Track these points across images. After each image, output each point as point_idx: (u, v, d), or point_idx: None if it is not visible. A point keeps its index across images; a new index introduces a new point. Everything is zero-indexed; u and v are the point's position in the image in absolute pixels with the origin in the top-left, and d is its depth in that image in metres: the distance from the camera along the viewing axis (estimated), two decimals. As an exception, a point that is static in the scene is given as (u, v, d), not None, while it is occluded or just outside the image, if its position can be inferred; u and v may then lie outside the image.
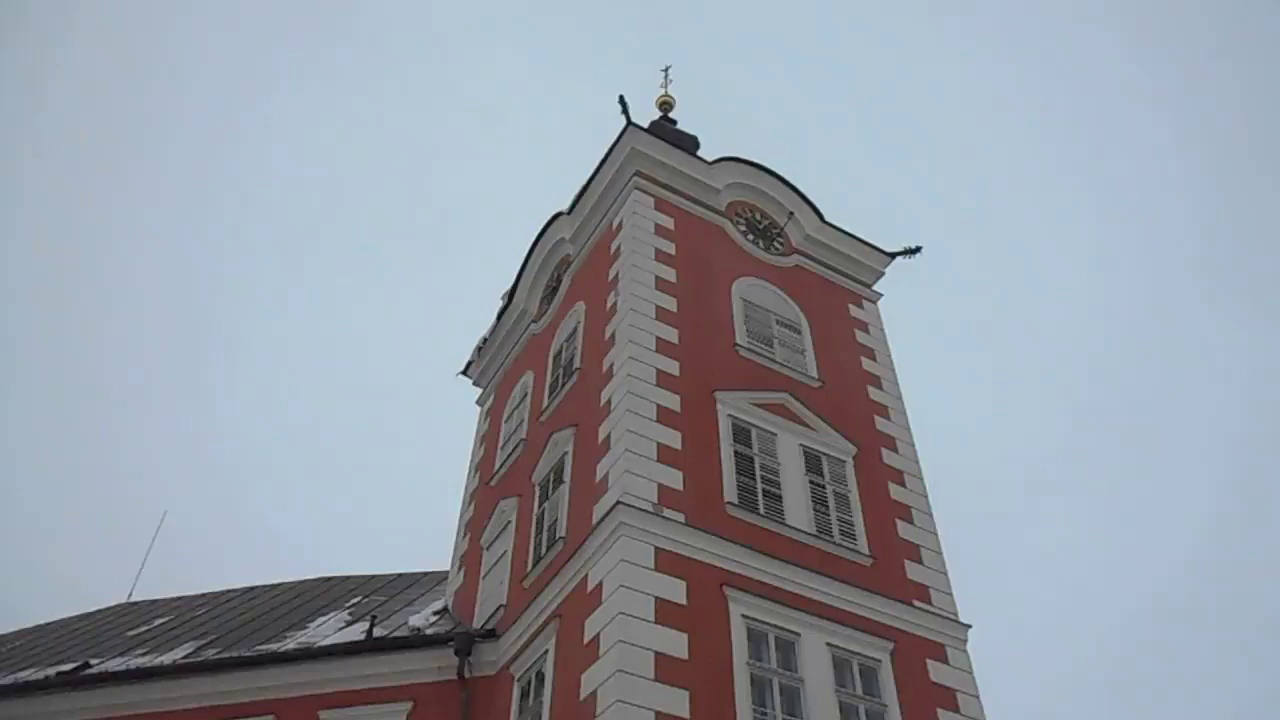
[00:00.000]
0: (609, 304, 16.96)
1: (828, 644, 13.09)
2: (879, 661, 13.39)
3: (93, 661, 18.34)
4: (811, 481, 15.23)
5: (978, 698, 13.93)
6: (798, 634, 12.96)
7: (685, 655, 11.82)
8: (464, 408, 25.78)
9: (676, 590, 12.40)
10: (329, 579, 22.70)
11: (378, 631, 16.57)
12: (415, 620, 17.40)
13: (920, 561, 15.31)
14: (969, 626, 14.73)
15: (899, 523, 15.76)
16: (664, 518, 13.07)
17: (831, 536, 14.58)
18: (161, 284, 78.23)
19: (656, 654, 11.60)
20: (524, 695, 13.80)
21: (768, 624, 12.83)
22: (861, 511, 15.36)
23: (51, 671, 18.04)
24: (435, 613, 17.90)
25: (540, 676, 13.41)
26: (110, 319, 77.02)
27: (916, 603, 14.54)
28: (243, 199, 79.74)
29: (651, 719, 10.99)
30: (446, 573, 20.05)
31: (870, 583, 14.21)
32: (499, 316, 22.68)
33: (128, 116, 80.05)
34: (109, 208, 79.09)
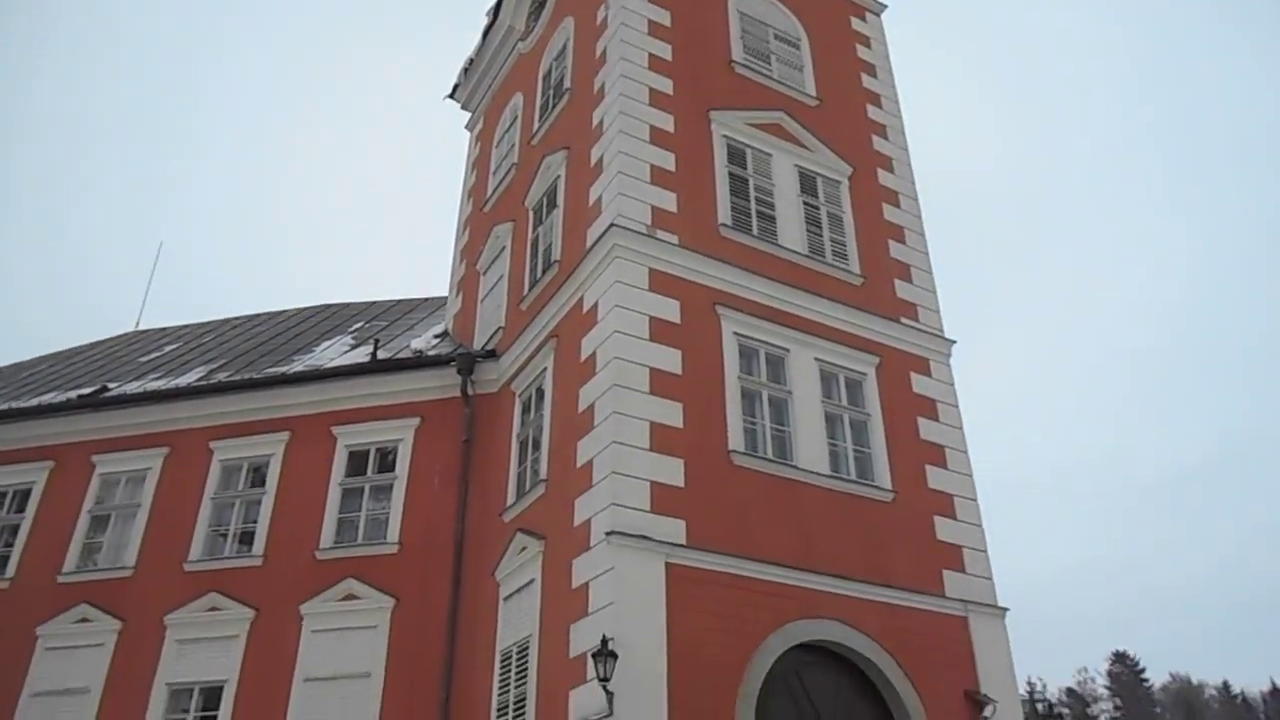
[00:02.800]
0: (599, 18, 16.10)
1: (816, 359, 13.62)
2: (864, 375, 13.99)
3: (110, 385, 19.10)
4: (805, 203, 15.18)
5: (957, 407, 14.69)
6: (787, 350, 13.44)
7: (679, 370, 12.32)
8: (455, 133, 25.09)
9: (670, 309, 12.71)
10: (330, 306, 23.17)
11: (381, 354, 17.16)
12: (417, 343, 17.97)
13: (910, 280, 15.59)
14: (953, 342, 15.25)
15: (891, 243, 15.88)
16: (657, 239, 13.14)
17: (824, 257, 14.74)
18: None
19: (651, 369, 12.08)
20: (525, 410, 14.52)
21: (758, 340, 13.27)
22: (855, 232, 15.44)
23: (72, 394, 18.83)
24: (436, 336, 18.44)
25: (540, 393, 14.04)
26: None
27: (904, 319, 14.96)
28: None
29: (646, 428, 11.64)
30: (445, 298, 20.45)
31: (860, 301, 14.55)
32: (484, 35, 21.60)
33: None
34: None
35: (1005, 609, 13.15)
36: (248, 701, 13.94)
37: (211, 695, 14.21)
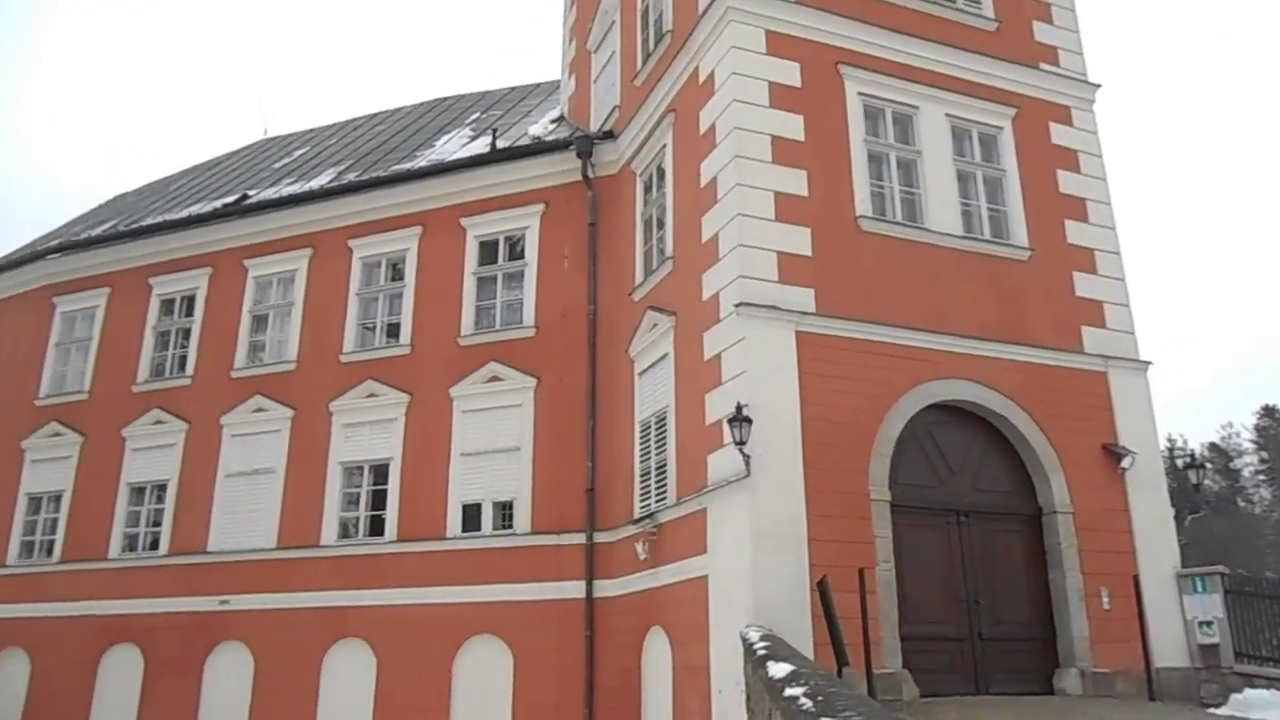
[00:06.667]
0: None
1: (946, 115, 12.96)
2: (999, 128, 13.27)
3: (250, 193, 19.95)
4: (934, -58, 13.93)
5: (1100, 157, 13.86)
6: (915, 107, 12.81)
7: (801, 137, 11.96)
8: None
9: (790, 73, 12.19)
10: (445, 99, 23.17)
11: (500, 143, 17.22)
12: (535, 130, 17.92)
13: (1050, 21, 14.36)
14: (1098, 86, 14.19)
15: (1029, -22, 14.55)
16: (773, -2, 12.42)
17: (954, 1, 13.68)
18: None
19: (773, 137, 11.77)
20: (647, 189, 14.48)
21: (884, 99, 12.67)
22: (988, -29, 14.18)
23: (217, 204, 19.81)
24: (552, 121, 18.31)
25: (660, 170, 13.93)
26: None
27: (1043, 65, 13.93)
28: None
29: (770, 199, 11.48)
30: (558, 82, 20.12)
31: (994, 48, 13.57)
32: None
33: None
34: None
35: (1147, 363, 12.88)
36: (412, 476, 15.22)
37: (380, 471, 15.58)
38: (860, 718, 4.44)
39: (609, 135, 15.57)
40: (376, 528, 15.36)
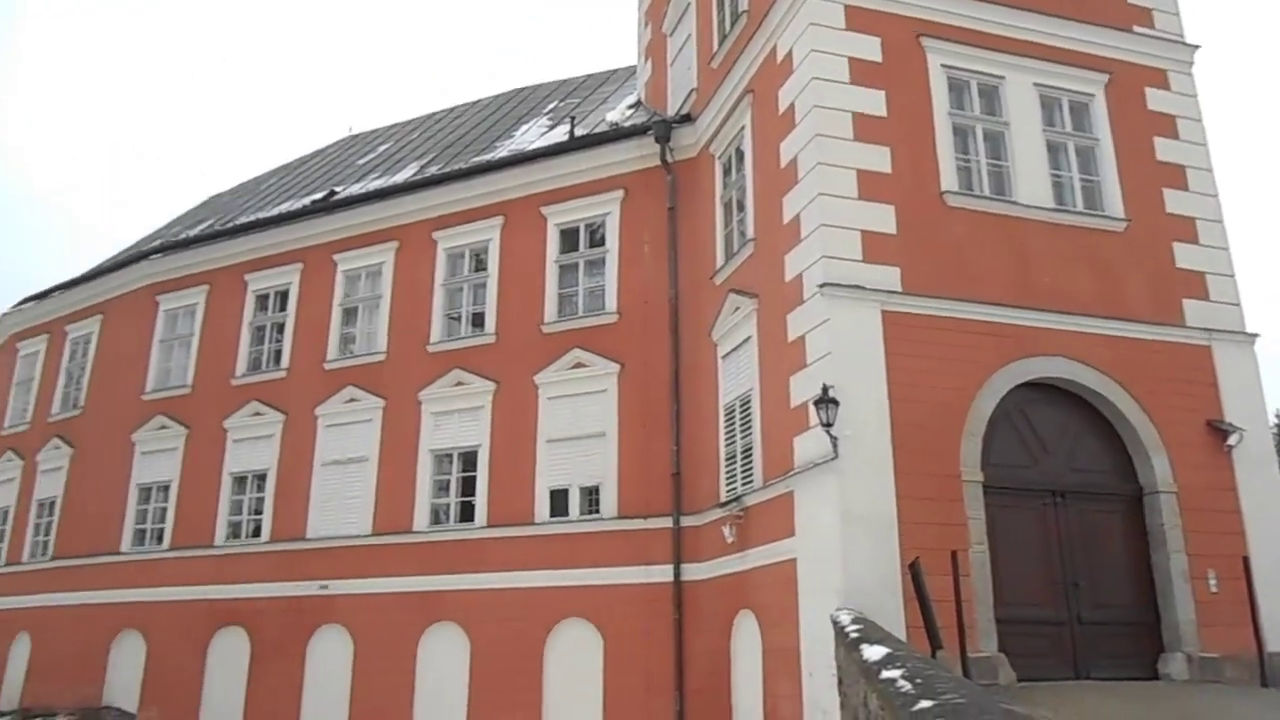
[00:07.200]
0: None
1: (1035, 84, 12.56)
2: (1091, 96, 12.81)
3: (337, 189, 20.46)
4: (1018, -94, 13.49)
5: (1200, 121, 13.27)
6: (1002, 77, 12.45)
7: (883, 113, 11.74)
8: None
9: (870, 48, 11.96)
10: (523, 89, 23.38)
11: (579, 131, 17.32)
12: (612, 116, 17.97)
13: (1144, -20, 13.78)
14: (1196, 48, 13.58)
15: (1120, -60, 13.99)
16: (852, -29, 12.18)
17: (1040, -33, 13.22)
18: None
19: (854, 114, 11.57)
20: (726, 171, 14.39)
21: (969, 71, 12.35)
22: (1077, -67, 13.68)
23: (306, 201, 20.38)
24: (629, 107, 18.34)
25: (740, 152, 13.83)
26: None
27: (1136, 28, 13.38)
28: None
29: (853, 177, 11.31)
30: (634, 67, 20.12)
31: (1083, 12, 13.07)
32: None
33: None
34: None
35: (1254, 335, 12.32)
36: (500, 462, 15.47)
37: (469, 458, 15.88)
38: (962, 700, 4.35)
39: (686, 119, 15.51)
40: (467, 514, 15.67)
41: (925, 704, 4.52)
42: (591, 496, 14.82)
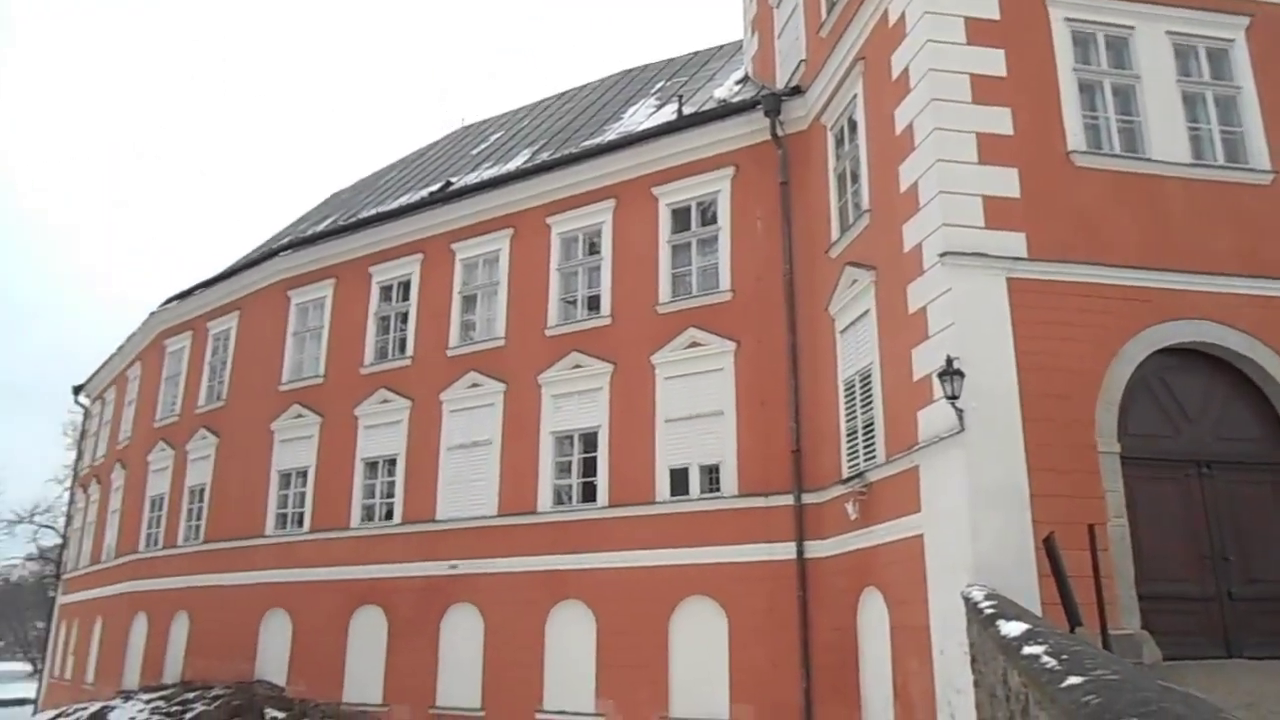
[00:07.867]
0: None
1: (1167, 32, 11.87)
2: (1231, 41, 12.03)
3: (452, 180, 20.94)
4: None
5: (1355, 61, 12.31)
6: (1131, 27, 11.81)
7: (1003, 72, 11.28)
8: None
9: (988, 5, 11.49)
10: (630, 70, 23.41)
11: (687, 109, 17.25)
12: (720, 92, 17.84)
13: (1288, -86, 12.84)
14: (1350, -19, 12.59)
15: None
16: (966, -73, 11.74)
17: (1171, -93, 12.46)
18: None
19: (971, 76, 11.16)
20: (838, 142, 14.12)
21: (1095, 23, 11.75)
22: None
23: (424, 193, 20.93)
24: (737, 82, 18.16)
25: (852, 122, 13.54)
26: None
27: (1281, -35, 12.50)
28: None
29: (972, 140, 10.93)
30: (740, 42, 19.90)
31: (1221, -47, 12.29)
32: None
33: None
34: None
35: None
36: (619, 442, 15.64)
37: (589, 439, 16.11)
38: (1115, 676, 4.19)
39: (796, 91, 15.27)
40: (589, 494, 15.91)
41: (1074, 680, 4.38)
42: (712, 475, 14.85)
